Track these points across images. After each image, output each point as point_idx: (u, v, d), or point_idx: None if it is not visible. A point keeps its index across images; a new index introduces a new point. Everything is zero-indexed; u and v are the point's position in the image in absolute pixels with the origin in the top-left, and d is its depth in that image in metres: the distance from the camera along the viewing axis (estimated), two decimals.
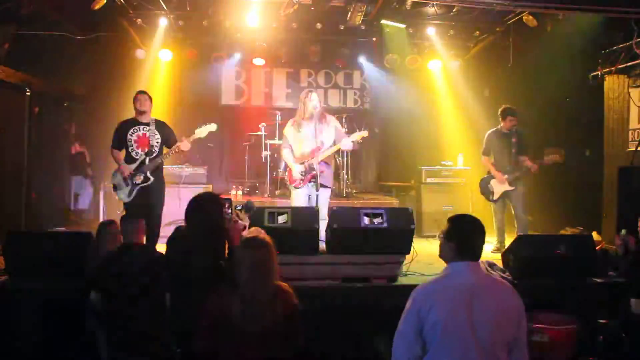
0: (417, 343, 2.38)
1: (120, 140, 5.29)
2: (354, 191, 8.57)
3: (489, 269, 4.70)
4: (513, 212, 6.27)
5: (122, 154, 5.32)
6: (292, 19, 7.68)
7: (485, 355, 2.33)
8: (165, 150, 5.39)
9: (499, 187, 6.29)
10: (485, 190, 6.46)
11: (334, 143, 5.51)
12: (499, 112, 6.39)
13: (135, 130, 5.28)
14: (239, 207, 4.43)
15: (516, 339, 2.43)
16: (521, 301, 2.47)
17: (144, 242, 3.73)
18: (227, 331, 2.72)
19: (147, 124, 5.31)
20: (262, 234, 3.60)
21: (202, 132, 5.37)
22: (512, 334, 2.40)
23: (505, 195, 6.28)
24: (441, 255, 2.62)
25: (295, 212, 4.80)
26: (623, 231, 4.60)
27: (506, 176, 6.22)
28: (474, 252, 2.51)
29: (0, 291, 4.30)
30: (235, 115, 9.39)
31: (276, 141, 8.13)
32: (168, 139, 5.38)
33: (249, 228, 4.02)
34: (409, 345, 2.39)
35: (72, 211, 8.15)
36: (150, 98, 5.38)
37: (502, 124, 6.35)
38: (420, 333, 2.37)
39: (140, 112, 5.31)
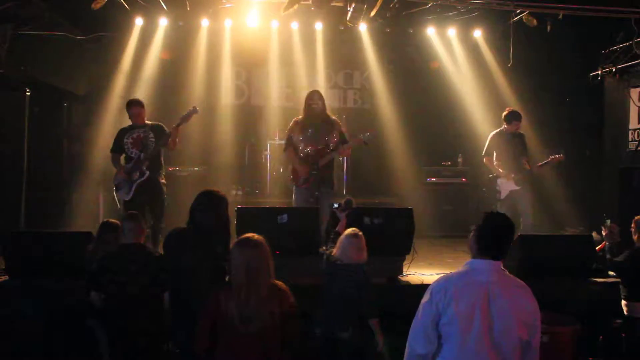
0: (435, 335, 2.41)
1: (118, 145, 5.55)
2: (354, 191, 8.55)
3: None
4: (519, 211, 6.27)
5: (122, 160, 5.58)
6: (292, 19, 7.68)
7: (498, 354, 2.35)
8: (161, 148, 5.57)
9: (506, 186, 6.26)
10: (491, 189, 6.44)
11: (337, 147, 5.55)
12: (503, 115, 6.35)
13: (131, 134, 5.54)
14: (337, 205, 4.41)
15: (529, 343, 2.42)
16: (537, 305, 2.46)
17: (143, 242, 3.72)
18: (225, 331, 2.72)
19: (143, 126, 5.57)
20: (358, 233, 3.61)
21: (185, 117, 5.46)
22: (525, 337, 2.40)
23: (511, 195, 6.26)
24: (470, 248, 2.60)
25: (295, 212, 4.81)
26: (607, 221, 4.60)
27: (512, 175, 6.22)
28: (496, 251, 2.49)
29: (0, 291, 4.30)
30: (235, 115, 9.37)
31: (276, 141, 8.13)
32: (162, 139, 5.52)
33: (346, 227, 4.00)
34: (426, 336, 2.41)
35: (72, 211, 8.13)
36: (143, 105, 5.62)
37: (505, 127, 6.32)
38: (436, 325, 2.40)
39: (135, 121, 5.57)
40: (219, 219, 3.50)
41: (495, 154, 6.41)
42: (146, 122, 5.61)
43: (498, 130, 6.42)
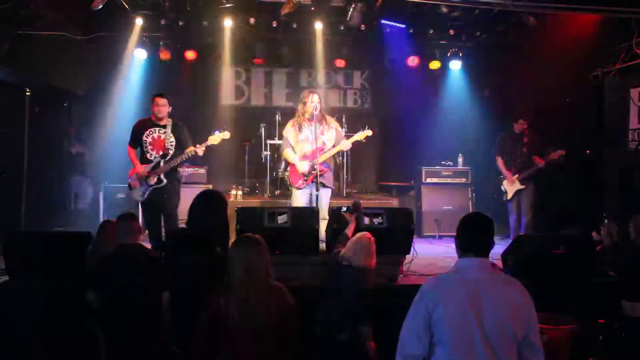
0: (426, 336, 2.40)
1: (135, 140, 5.42)
2: (354, 191, 8.56)
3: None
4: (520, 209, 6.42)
5: (138, 153, 5.46)
6: (292, 19, 7.68)
7: (493, 352, 2.33)
8: (180, 153, 5.44)
9: (511, 187, 6.45)
10: (499, 190, 6.59)
11: (334, 144, 5.54)
12: (512, 116, 6.64)
13: (151, 132, 5.41)
14: (345, 209, 4.41)
15: (526, 339, 2.39)
16: (530, 299, 2.45)
17: (140, 242, 3.72)
18: (224, 331, 2.72)
19: (164, 127, 5.42)
20: (371, 238, 3.61)
21: (215, 139, 5.38)
22: (521, 333, 2.38)
23: (517, 194, 6.46)
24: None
25: (295, 212, 4.80)
26: (607, 221, 4.61)
27: (516, 175, 6.36)
28: (478, 247, 2.50)
29: (0, 291, 4.29)
30: (235, 115, 9.38)
31: (276, 141, 8.13)
32: (183, 141, 5.47)
33: (355, 230, 4.01)
34: (418, 337, 2.40)
35: (72, 211, 8.14)
36: (169, 101, 5.45)
37: (514, 126, 6.59)
38: (428, 326, 2.39)
39: (158, 117, 5.42)
40: (218, 219, 3.50)
41: (503, 154, 6.62)
42: (168, 120, 5.46)
43: (508, 131, 6.67)
